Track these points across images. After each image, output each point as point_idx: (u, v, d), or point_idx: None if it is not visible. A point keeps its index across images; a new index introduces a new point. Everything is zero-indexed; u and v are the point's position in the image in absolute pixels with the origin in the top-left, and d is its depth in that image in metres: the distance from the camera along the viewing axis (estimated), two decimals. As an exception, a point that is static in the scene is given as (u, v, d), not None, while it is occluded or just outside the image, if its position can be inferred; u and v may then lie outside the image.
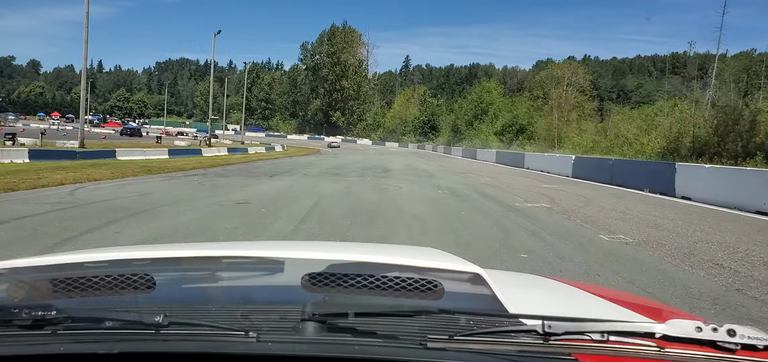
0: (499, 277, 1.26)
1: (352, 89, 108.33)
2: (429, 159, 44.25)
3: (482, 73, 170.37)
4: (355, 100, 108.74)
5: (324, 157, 38.98)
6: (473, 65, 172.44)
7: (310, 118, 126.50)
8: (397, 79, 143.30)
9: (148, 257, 1.43)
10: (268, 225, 7.71)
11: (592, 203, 12.24)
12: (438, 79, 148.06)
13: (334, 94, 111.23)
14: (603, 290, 1.64)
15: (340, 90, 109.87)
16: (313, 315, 0.81)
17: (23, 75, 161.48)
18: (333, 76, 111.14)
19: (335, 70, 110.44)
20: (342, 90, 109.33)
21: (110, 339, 0.78)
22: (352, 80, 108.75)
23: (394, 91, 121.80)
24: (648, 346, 0.82)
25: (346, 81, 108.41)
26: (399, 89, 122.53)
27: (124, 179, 13.85)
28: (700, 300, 4.46)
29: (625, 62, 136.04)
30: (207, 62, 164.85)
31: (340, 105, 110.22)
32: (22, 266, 1.26)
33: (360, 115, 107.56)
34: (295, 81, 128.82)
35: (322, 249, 1.80)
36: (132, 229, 6.86)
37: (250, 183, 14.25)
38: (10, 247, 5.61)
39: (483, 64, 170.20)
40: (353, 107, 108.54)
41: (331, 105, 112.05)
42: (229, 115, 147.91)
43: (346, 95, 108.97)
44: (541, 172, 26.98)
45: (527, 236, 7.34)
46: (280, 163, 27.75)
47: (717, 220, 9.92)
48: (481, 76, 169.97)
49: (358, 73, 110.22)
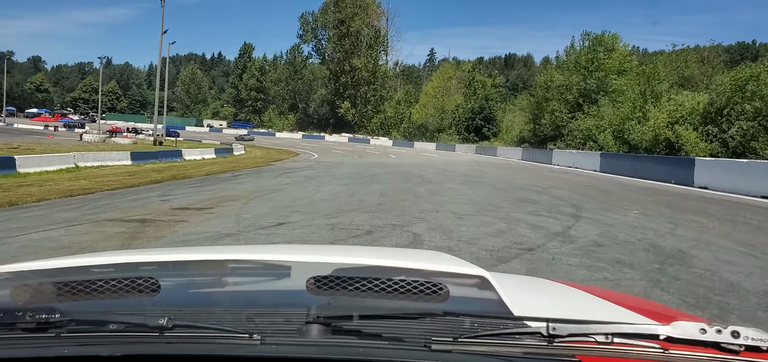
0: (504, 280, 1.25)
1: (366, 69, 78.80)
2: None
3: (520, 63, 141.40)
4: (369, 84, 79.16)
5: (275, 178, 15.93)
6: (509, 55, 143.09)
7: (313, 111, 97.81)
8: (423, 73, 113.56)
9: (153, 260, 1.42)
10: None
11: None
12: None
13: (341, 78, 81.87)
14: (607, 292, 1.65)
15: (349, 71, 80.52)
16: (318, 317, 0.82)
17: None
18: (341, 53, 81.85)
19: (343, 44, 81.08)
20: (352, 71, 79.96)
21: (114, 342, 0.78)
22: (367, 57, 79.32)
23: (420, 86, 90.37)
24: (652, 348, 0.82)
25: (357, 59, 79.11)
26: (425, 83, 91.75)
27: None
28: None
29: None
30: (213, 56, 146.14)
31: (350, 92, 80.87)
32: (27, 269, 1.25)
33: (376, 106, 77.70)
34: (294, 66, 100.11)
35: (327, 252, 1.80)
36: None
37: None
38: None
39: (520, 55, 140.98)
40: (367, 94, 78.89)
41: (338, 92, 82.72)
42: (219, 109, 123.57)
43: (358, 78, 79.54)
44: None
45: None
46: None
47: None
48: (519, 66, 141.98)
49: (374, 48, 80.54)
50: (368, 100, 78.52)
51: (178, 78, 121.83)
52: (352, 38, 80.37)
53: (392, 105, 75.99)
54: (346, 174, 19.09)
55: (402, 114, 72.72)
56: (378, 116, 76.01)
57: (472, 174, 20.85)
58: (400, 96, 76.62)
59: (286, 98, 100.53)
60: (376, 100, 77.71)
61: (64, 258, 1.42)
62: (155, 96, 47.32)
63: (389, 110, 75.27)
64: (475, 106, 56.31)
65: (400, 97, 76.32)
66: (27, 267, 1.25)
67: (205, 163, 24.51)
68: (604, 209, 10.00)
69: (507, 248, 6.09)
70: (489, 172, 22.17)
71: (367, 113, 77.71)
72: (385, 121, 74.77)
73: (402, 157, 34.33)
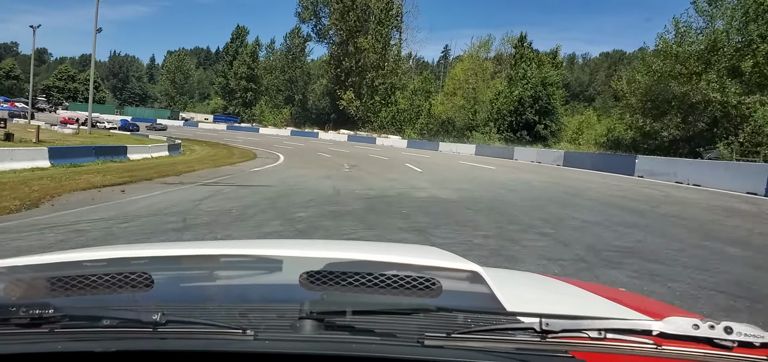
0: (497, 275, 1.25)
1: (374, 51, 62.68)
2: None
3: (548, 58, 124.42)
4: (377, 69, 63.00)
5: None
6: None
7: (312, 104, 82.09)
8: (438, 70, 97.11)
9: (146, 255, 1.40)
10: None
11: None
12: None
13: (343, 62, 65.95)
14: (601, 288, 1.62)
15: (353, 54, 64.55)
16: (311, 313, 0.81)
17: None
18: (344, 31, 65.93)
19: (347, 20, 65.12)
20: (357, 53, 63.97)
21: (108, 338, 0.78)
22: (376, 36, 63.28)
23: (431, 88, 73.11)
24: (645, 344, 0.82)
25: (364, 38, 63.14)
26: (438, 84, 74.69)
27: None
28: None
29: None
30: (218, 49, 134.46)
31: (354, 79, 64.90)
32: (20, 264, 1.25)
33: (386, 96, 61.50)
34: (292, 51, 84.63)
35: (320, 247, 1.79)
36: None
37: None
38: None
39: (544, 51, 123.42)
40: (375, 82, 62.72)
41: (339, 80, 66.83)
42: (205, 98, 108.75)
43: (364, 63, 63.54)
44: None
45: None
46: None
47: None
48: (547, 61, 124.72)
49: (386, 24, 64.39)
50: (376, 89, 62.29)
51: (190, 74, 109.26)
52: (359, 12, 64.38)
53: (406, 96, 59.75)
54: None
55: (418, 106, 56.39)
56: (388, 109, 59.73)
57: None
58: (416, 84, 60.06)
59: (281, 89, 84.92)
60: (385, 90, 61.44)
61: (57, 253, 1.40)
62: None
63: (402, 102, 58.99)
64: (524, 94, 39.69)
65: (416, 85, 59.76)
66: (20, 262, 1.24)
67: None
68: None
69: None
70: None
71: (374, 106, 61.46)
72: (397, 115, 58.52)
73: (437, 172, 18.27)
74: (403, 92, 60.82)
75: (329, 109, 75.42)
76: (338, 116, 70.29)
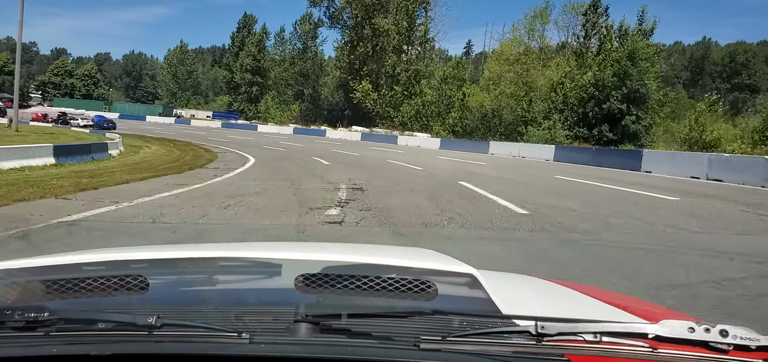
0: (492, 278, 1.24)
1: (398, 32, 52.17)
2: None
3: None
4: (400, 53, 52.48)
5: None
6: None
7: (324, 99, 72.14)
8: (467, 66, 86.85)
9: (142, 258, 1.40)
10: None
11: None
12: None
13: (359, 48, 55.71)
14: (596, 291, 1.60)
15: (370, 37, 54.21)
16: (307, 316, 0.82)
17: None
18: (359, 11, 55.65)
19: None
20: (375, 36, 53.60)
21: (103, 341, 0.78)
22: (398, 16, 52.80)
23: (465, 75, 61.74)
24: (640, 347, 0.82)
25: (382, 18, 52.76)
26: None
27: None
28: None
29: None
30: (224, 46, 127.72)
31: (372, 68, 54.56)
32: (15, 267, 1.24)
33: (409, 86, 50.87)
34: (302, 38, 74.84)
35: (316, 250, 1.78)
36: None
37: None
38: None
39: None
40: (396, 69, 52.15)
41: (353, 69, 56.57)
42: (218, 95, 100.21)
43: (383, 46, 53.13)
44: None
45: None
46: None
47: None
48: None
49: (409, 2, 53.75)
50: (397, 77, 51.76)
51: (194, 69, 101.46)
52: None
53: (433, 85, 49.08)
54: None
55: (450, 97, 45.62)
56: (411, 102, 49.13)
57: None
58: (446, 70, 49.13)
59: (291, 83, 75.11)
60: (408, 78, 50.86)
61: (53, 255, 1.39)
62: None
63: (429, 93, 48.33)
64: (605, 77, 28.63)
65: (446, 71, 48.83)
66: (16, 264, 1.24)
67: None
68: None
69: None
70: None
71: (395, 98, 50.91)
72: (423, 109, 47.90)
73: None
74: (429, 81, 50.19)
75: (343, 104, 65.41)
76: (353, 112, 60.24)
